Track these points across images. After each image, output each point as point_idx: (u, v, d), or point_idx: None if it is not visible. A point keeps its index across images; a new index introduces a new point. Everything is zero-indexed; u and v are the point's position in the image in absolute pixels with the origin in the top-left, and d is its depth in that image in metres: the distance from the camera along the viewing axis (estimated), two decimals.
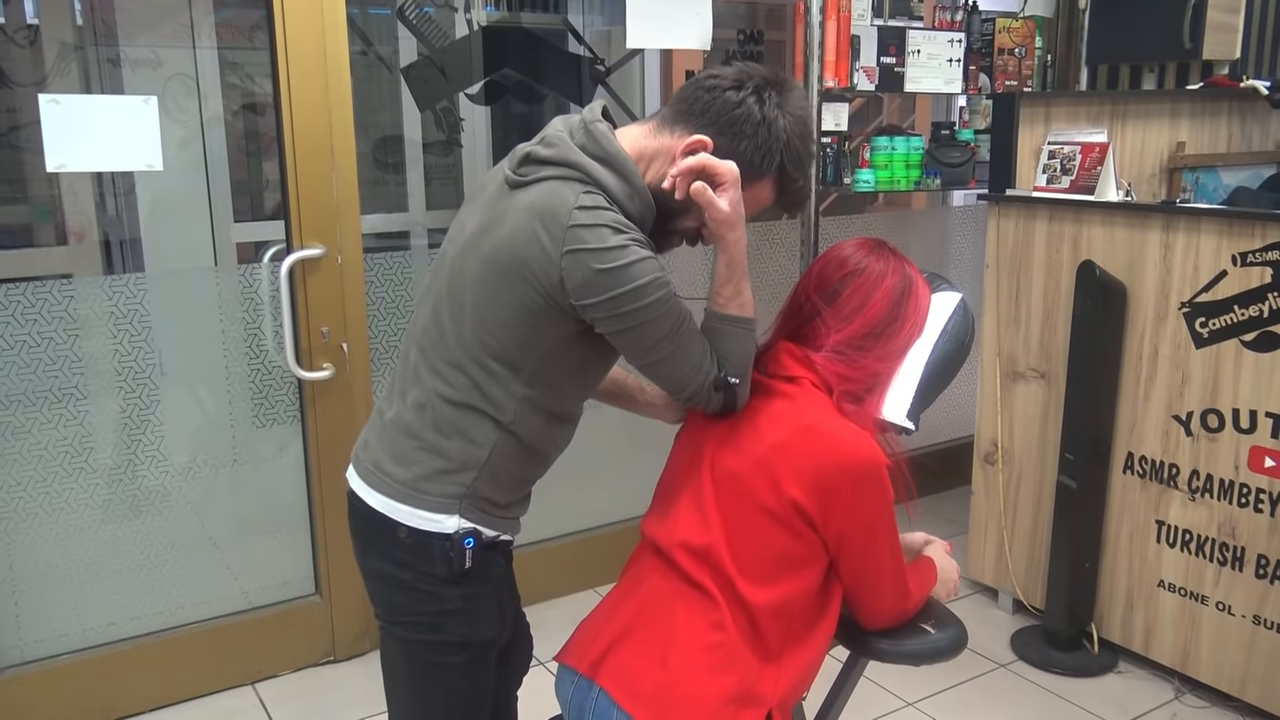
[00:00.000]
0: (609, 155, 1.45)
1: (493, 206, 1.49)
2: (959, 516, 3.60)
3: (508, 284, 1.42)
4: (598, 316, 1.42)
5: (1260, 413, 2.49)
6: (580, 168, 1.43)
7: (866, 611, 1.58)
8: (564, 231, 1.38)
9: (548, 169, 1.44)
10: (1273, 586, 2.52)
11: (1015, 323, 3.04)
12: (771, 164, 1.48)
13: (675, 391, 1.54)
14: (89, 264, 3.78)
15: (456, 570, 1.51)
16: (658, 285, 1.41)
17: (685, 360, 1.48)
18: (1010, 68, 3.64)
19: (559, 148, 1.45)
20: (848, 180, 3.41)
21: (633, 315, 1.41)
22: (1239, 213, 2.57)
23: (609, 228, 1.39)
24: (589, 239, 1.38)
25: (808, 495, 1.45)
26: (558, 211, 1.39)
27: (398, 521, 1.51)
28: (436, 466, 1.50)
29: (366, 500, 1.55)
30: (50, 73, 3.64)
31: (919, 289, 1.61)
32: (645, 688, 1.45)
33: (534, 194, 1.43)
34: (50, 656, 2.60)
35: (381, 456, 1.55)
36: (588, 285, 1.38)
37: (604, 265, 1.38)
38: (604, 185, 1.43)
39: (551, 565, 3.24)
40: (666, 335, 1.45)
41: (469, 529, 1.51)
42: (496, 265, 1.43)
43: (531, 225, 1.40)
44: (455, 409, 1.48)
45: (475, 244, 1.48)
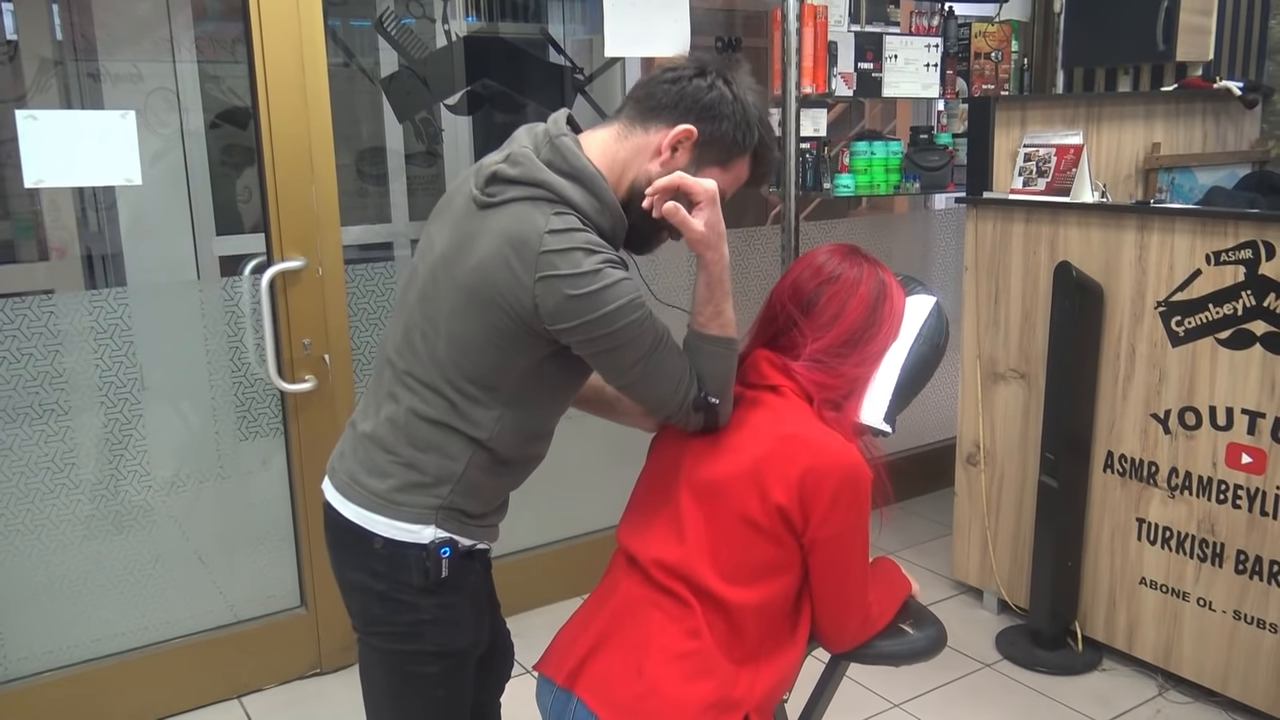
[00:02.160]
0: (576, 171, 1.45)
1: (461, 226, 1.48)
2: (942, 518, 3.62)
3: (481, 311, 1.42)
4: (574, 340, 1.42)
5: (1236, 410, 2.52)
6: (548, 186, 1.42)
7: (829, 625, 1.57)
8: (536, 258, 1.37)
9: (515, 189, 1.43)
10: (1252, 582, 2.54)
11: (995, 324, 3.06)
12: (752, 138, 1.50)
13: (654, 411, 1.54)
14: (71, 279, 3.77)
15: (432, 580, 1.51)
16: (633, 307, 1.41)
17: (664, 380, 1.48)
18: (987, 72, 3.67)
19: (525, 166, 1.44)
20: (828, 185, 3.43)
21: (609, 338, 1.41)
22: (1211, 212, 2.60)
23: (581, 250, 1.38)
24: (561, 264, 1.37)
25: (792, 500, 1.46)
26: (528, 237, 1.38)
27: (373, 532, 1.51)
28: (411, 480, 1.50)
29: (342, 511, 1.55)
30: (30, 88, 3.63)
31: (894, 293, 1.63)
32: (622, 697, 1.46)
33: (504, 219, 1.42)
34: (35, 674, 2.59)
35: (356, 468, 1.55)
36: (562, 311, 1.38)
37: (578, 290, 1.37)
38: (573, 203, 1.43)
39: (535, 574, 3.24)
40: (644, 356, 1.45)
41: (445, 539, 1.51)
42: (469, 292, 1.43)
43: (503, 252, 1.39)
44: (431, 426, 1.49)
45: (446, 267, 1.47)
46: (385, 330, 1.60)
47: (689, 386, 1.50)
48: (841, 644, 1.61)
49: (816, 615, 1.57)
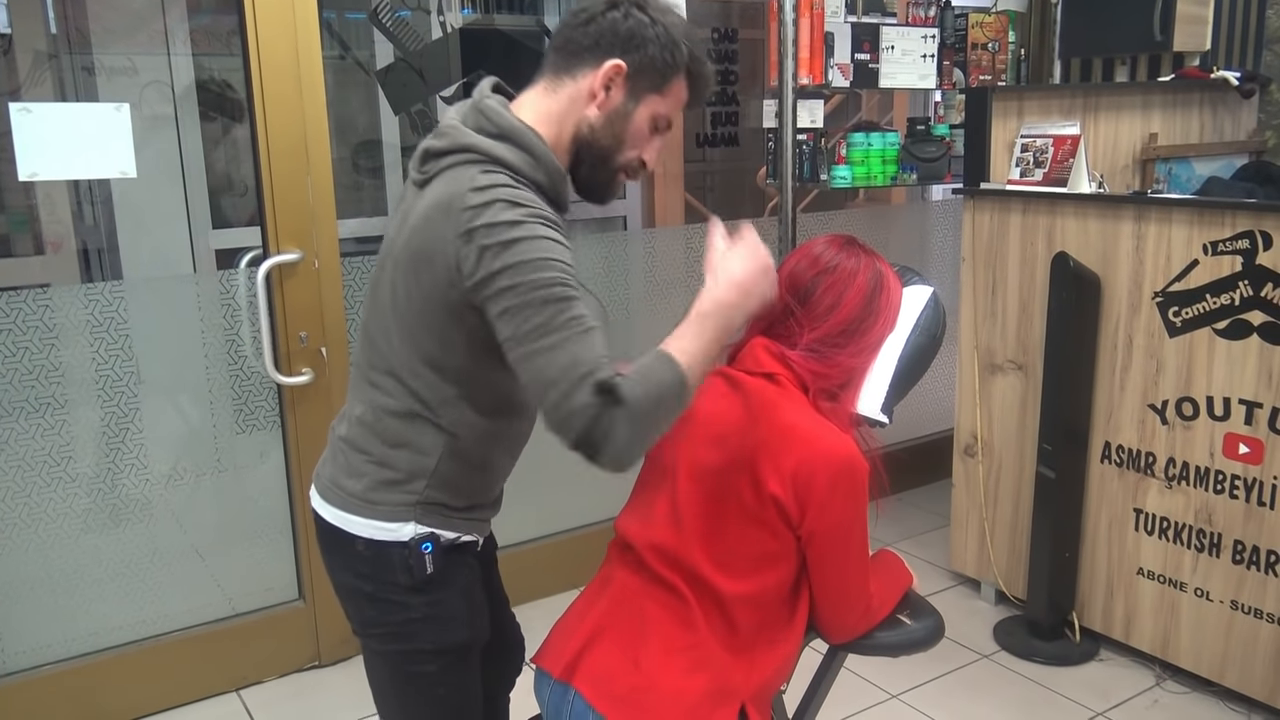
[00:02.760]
0: (503, 130, 1.41)
1: (402, 210, 1.48)
2: (940, 509, 3.63)
3: (419, 281, 1.40)
4: (485, 295, 1.33)
5: (1233, 400, 2.52)
6: (475, 149, 1.39)
7: (829, 617, 1.57)
8: (459, 215, 1.34)
9: (445, 159, 1.41)
10: (1249, 572, 2.54)
11: (992, 316, 3.06)
12: (681, 56, 1.46)
13: (541, 390, 1.29)
14: (66, 273, 3.77)
15: (418, 577, 1.48)
16: (546, 264, 1.32)
17: (563, 354, 1.27)
18: (984, 62, 3.66)
19: (451, 135, 1.42)
20: (824, 177, 3.43)
21: (512, 292, 1.30)
22: (1208, 202, 2.59)
23: (502, 202, 1.33)
24: (480, 217, 1.33)
25: (787, 492, 1.46)
26: (454, 198, 1.35)
27: (354, 534, 1.50)
28: (385, 477, 1.48)
29: (324, 515, 1.55)
30: (25, 81, 3.62)
31: (890, 284, 1.62)
32: (619, 690, 1.46)
33: (435, 187, 1.40)
34: (33, 667, 2.59)
35: (336, 472, 1.54)
36: (475, 263, 1.32)
37: (490, 240, 1.32)
38: (503, 161, 1.39)
39: (537, 565, 3.24)
40: (546, 322, 1.29)
41: (425, 534, 1.49)
42: (407, 265, 1.41)
43: (431, 217, 1.37)
44: (398, 419, 1.47)
45: (391, 250, 1.46)
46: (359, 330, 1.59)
47: (592, 368, 1.26)
48: (842, 635, 1.61)
49: (816, 607, 1.57)
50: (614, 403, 1.25)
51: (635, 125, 1.47)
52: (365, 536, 1.49)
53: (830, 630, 1.60)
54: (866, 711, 2.68)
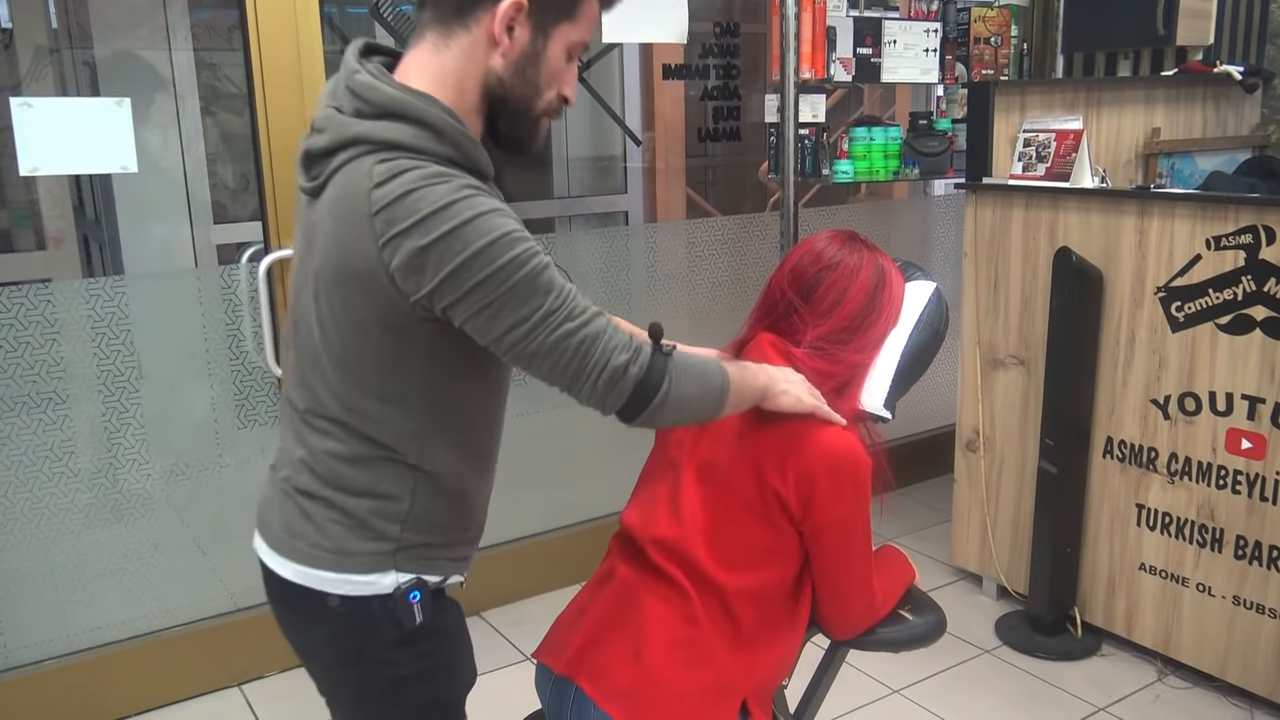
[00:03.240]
0: (385, 106, 1.19)
1: (303, 230, 1.28)
2: (941, 504, 3.62)
3: (348, 311, 1.20)
4: (448, 303, 1.15)
5: (1236, 395, 2.51)
6: (362, 139, 1.18)
7: (832, 612, 1.57)
8: (370, 222, 1.14)
9: (332, 160, 1.21)
10: (1251, 567, 2.54)
11: (994, 311, 3.05)
12: None
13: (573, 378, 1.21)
14: (68, 268, 3.77)
15: (408, 629, 1.30)
16: (510, 241, 1.15)
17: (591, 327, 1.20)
18: (986, 57, 3.66)
19: (330, 129, 1.21)
20: (826, 171, 3.42)
21: (486, 286, 1.14)
22: (1211, 197, 2.59)
23: (416, 190, 1.13)
24: (399, 216, 1.12)
25: (789, 487, 1.46)
26: (356, 207, 1.15)
27: (325, 591, 1.29)
28: (355, 528, 1.28)
29: (282, 574, 1.34)
30: (25, 76, 3.62)
31: (893, 279, 1.62)
32: (620, 685, 1.46)
33: (330, 192, 1.20)
34: (35, 662, 2.59)
35: (291, 520, 1.32)
36: (418, 270, 1.13)
37: (427, 238, 1.12)
38: (398, 144, 1.17)
39: (533, 561, 3.24)
40: (543, 305, 1.17)
41: (410, 581, 1.30)
42: (329, 296, 1.21)
43: (337, 233, 1.18)
44: (353, 466, 1.27)
45: (305, 281, 1.27)
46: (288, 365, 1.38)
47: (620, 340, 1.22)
48: (845, 631, 1.61)
49: (819, 603, 1.57)
50: (666, 354, 1.26)
51: (550, 63, 1.24)
52: (339, 594, 1.28)
53: (833, 626, 1.60)
54: (868, 707, 2.68)
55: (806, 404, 1.46)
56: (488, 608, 3.19)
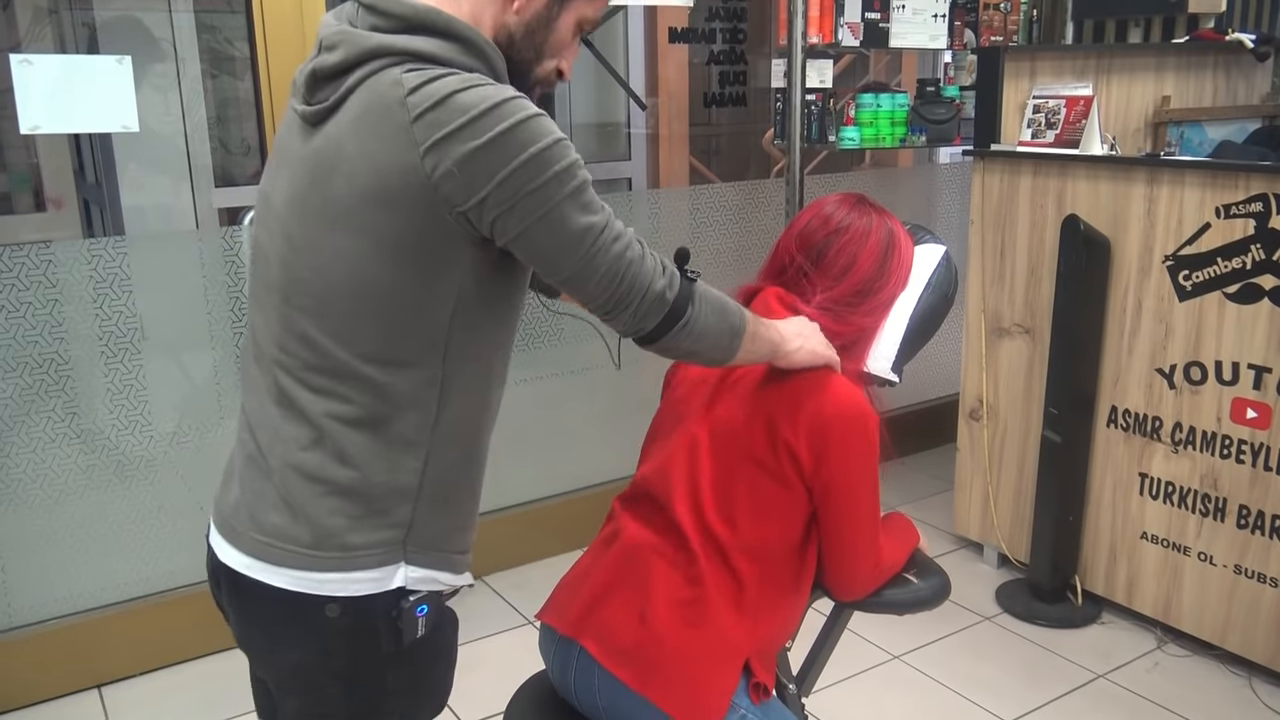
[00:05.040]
0: (410, 20, 1.11)
1: (300, 160, 1.15)
2: (944, 473, 3.63)
3: (374, 237, 1.09)
4: (499, 214, 1.07)
5: (1242, 365, 2.51)
6: (386, 50, 1.09)
7: (839, 572, 1.57)
8: (409, 128, 1.04)
9: (347, 78, 1.10)
10: (1254, 536, 2.54)
11: (1000, 279, 3.04)
12: None
13: (617, 302, 1.16)
14: (68, 231, 3.75)
15: (406, 642, 1.20)
16: (564, 147, 1.08)
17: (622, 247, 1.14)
18: (996, 23, 3.61)
19: (346, 44, 1.11)
20: (833, 138, 3.39)
21: (543, 193, 1.07)
22: (1222, 165, 2.57)
23: (462, 91, 1.05)
24: (444, 118, 1.04)
25: (801, 440, 1.45)
26: (389, 112, 1.05)
27: (324, 597, 1.16)
28: (357, 511, 1.16)
29: (270, 582, 1.18)
30: (25, 37, 3.59)
31: (902, 243, 1.61)
32: (624, 644, 1.46)
33: (348, 114, 1.09)
34: (39, 621, 2.61)
35: (272, 518, 1.18)
36: (471, 175, 1.04)
37: (480, 139, 1.04)
38: (425, 55, 1.09)
39: (535, 527, 3.25)
40: (594, 222, 1.11)
41: (421, 583, 1.21)
42: (347, 226, 1.10)
43: (366, 148, 1.07)
44: (362, 430, 1.15)
45: (302, 214, 1.14)
46: (246, 334, 1.27)
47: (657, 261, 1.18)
48: (851, 592, 1.60)
49: (826, 563, 1.57)
50: (692, 279, 1.23)
51: (559, 33, 1.20)
52: (342, 596, 1.16)
53: (839, 587, 1.60)
54: (869, 672, 2.69)
55: (822, 356, 1.45)
56: (490, 572, 3.20)
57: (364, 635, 1.19)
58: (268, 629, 1.23)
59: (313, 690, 1.23)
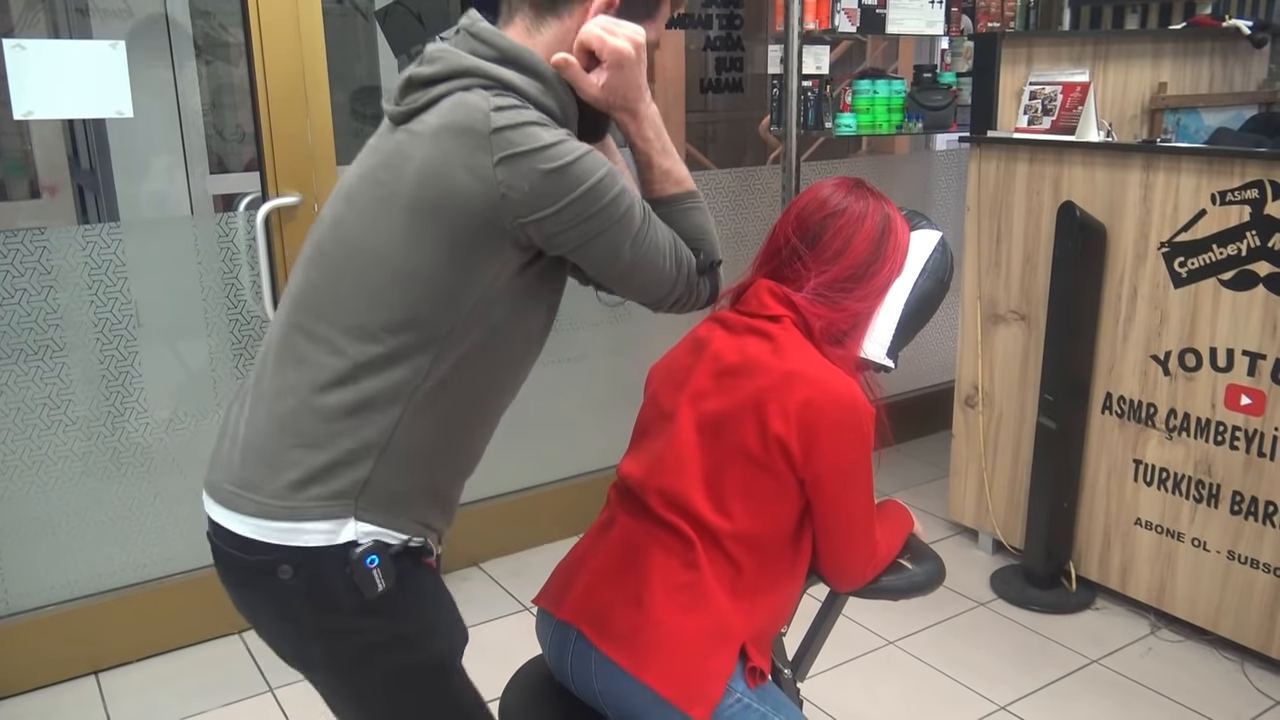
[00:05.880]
0: (505, 52, 1.24)
1: (380, 149, 1.27)
2: (939, 460, 3.64)
3: (429, 224, 1.19)
4: (556, 230, 1.21)
5: (1237, 351, 2.51)
6: (478, 72, 1.22)
7: (834, 562, 1.57)
8: (488, 139, 1.16)
9: (438, 86, 1.22)
10: (1247, 522, 2.55)
11: (996, 265, 3.04)
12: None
13: (660, 298, 1.34)
14: (63, 217, 3.74)
15: (369, 598, 1.23)
16: (613, 177, 1.23)
17: (661, 255, 1.30)
18: (993, 9, 3.61)
19: (445, 60, 1.24)
20: (829, 125, 3.39)
21: (598, 218, 1.22)
22: (1218, 151, 2.57)
23: (536, 124, 1.19)
24: (520, 140, 1.17)
25: (791, 432, 1.45)
26: (472, 121, 1.17)
27: (277, 548, 1.22)
28: (318, 462, 1.22)
29: (231, 528, 1.27)
30: (18, 22, 3.57)
31: (898, 227, 1.61)
32: (620, 629, 1.46)
33: (433, 118, 1.20)
34: (36, 608, 2.61)
35: (246, 472, 1.26)
36: (538, 193, 1.18)
37: (551, 164, 1.17)
38: (511, 86, 1.22)
39: (535, 513, 3.26)
40: (637, 234, 1.27)
41: (369, 538, 1.23)
42: (411, 215, 1.19)
43: (444, 147, 1.18)
44: (352, 389, 1.22)
45: (370, 187, 1.25)
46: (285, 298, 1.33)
47: (685, 254, 1.34)
48: (848, 582, 1.61)
49: (820, 553, 1.57)
50: (713, 268, 1.40)
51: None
52: (291, 547, 1.22)
53: (834, 576, 1.60)
54: (864, 657, 2.70)
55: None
56: (487, 559, 3.20)
57: (322, 594, 1.24)
58: (238, 588, 1.33)
59: (289, 643, 1.32)
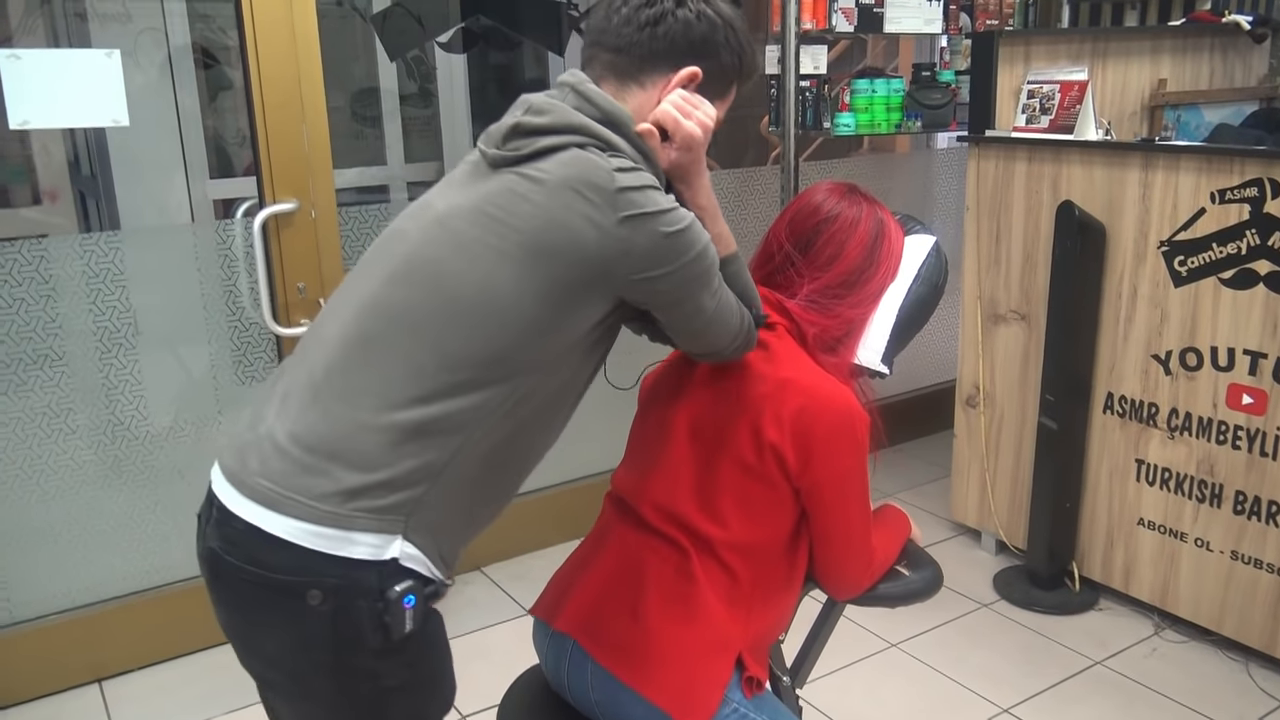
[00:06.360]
0: (611, 116, 1.29)
1: (475, 187, 1.28)
2: (941, 460, 3.63)
3: (543, 265, 1.21)
4: (663, 288, 1.28)
5: (1238, 350, 2.50)
6: (589, 131, 1.27)
7: (831, 570, 1.56)
8: (614, 197, 1.21)
9: (548, 138, 1.26)
10: (1250, 522, 2.54)
11: (996, 265, 3.03)
12: (750, 62, 1.42)
13: (719, 350, 1.42)
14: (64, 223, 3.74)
15: (395, 637, 1.21)
16: (710, 245, 1.31)
17: (731, 314, 1.38)
18: (991, 6, 3.59)
19: (555, 113, 1.27)
20: (827, 124, 3.38)
21: (699, 280, 1.30)
22: (1217, 149, 2.55)
23: (654, 189, 1.25)
24: (644, 202, 1.22)
25: (786, 441, 1.44)
26: (597, 178, 1.22)
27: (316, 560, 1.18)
28: (377, 477, 1.20)
29: (265, 527, 1.21)
30: (16, 29, 3.57)
31: (892, 233, 1.60)
32: (616, 639, 1.46)
33: (555, 166, 1.24)
34: (39, 617, 2.61)
35: (289, 471, 1.22)
36: (657, 254, 1.24)
37: (672, 228, 1.24)
38: (618, 148, 1.28)
39: (538, 516, 3.25)
40: (715, 292, 1.35)
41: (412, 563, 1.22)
42: (526, 246, 1.21)
43: (565, 197, 1.21)
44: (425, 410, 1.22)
45: (461, 224, 1.25)
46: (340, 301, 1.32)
47: (744, 312, 1.41)
48: (845, 590, 1.60)
49: (817, 562, 1.56)
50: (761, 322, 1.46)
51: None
52: (335, 556, 1.18)
53: (832, 584, 1.59)
54: (866, 660, 2.70)
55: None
56: (489, 563, 3.20)
57: (349, 631, 1.20)
58: (245, 607, 1.26)
59: (303, 682, 1.26)
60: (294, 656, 1.25)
